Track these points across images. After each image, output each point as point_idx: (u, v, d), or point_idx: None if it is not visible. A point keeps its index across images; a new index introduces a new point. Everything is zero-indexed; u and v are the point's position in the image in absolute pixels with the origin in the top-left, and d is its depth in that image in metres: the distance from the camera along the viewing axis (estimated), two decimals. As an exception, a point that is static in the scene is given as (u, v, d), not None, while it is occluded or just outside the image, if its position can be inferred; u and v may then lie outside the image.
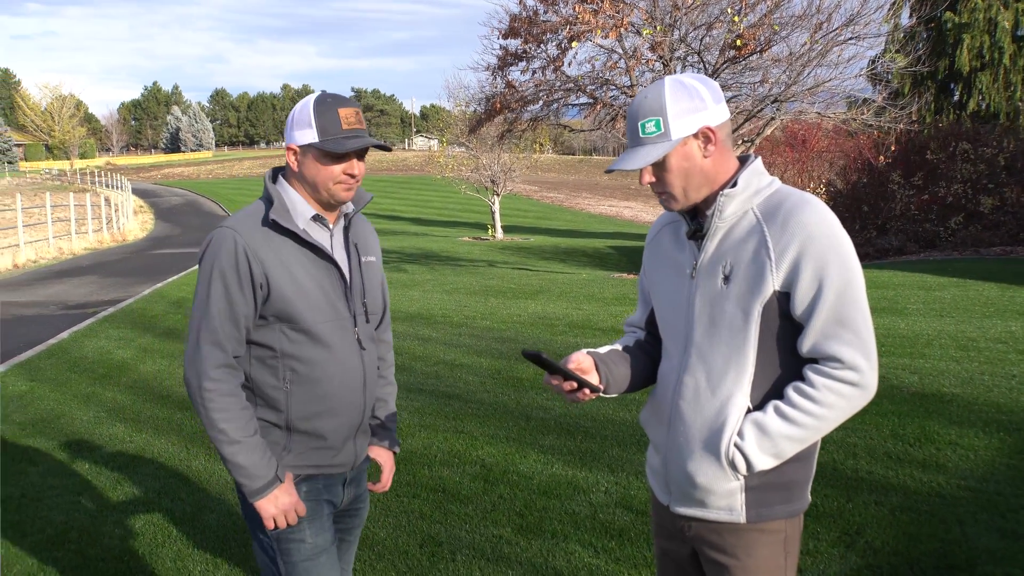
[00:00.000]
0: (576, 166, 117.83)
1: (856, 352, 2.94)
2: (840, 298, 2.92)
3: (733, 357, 3.07)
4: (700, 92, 3.07)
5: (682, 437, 3.19)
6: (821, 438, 3.15)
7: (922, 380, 10.68)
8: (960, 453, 7.99)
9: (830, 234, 2.94)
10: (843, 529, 6.33)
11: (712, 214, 3.10)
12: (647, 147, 3.08)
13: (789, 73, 23.17)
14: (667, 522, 3.39)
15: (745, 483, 3.10)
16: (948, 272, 22.27)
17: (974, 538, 6.12)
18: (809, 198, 3.03)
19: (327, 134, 3.51)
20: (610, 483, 7.48)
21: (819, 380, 2.97)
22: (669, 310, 3.31)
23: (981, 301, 17.10)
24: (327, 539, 3.74)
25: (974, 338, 13.21)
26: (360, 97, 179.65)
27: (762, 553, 3.15)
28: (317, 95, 3.58)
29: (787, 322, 3.02)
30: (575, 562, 5.95)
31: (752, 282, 3.01)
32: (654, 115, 3.06)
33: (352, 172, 3.58)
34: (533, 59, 24.76)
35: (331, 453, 3.74)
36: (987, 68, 35.17)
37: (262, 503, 3.57)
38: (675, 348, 3.28)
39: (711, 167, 3.10)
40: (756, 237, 3.02)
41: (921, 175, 30.55)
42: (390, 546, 6.28)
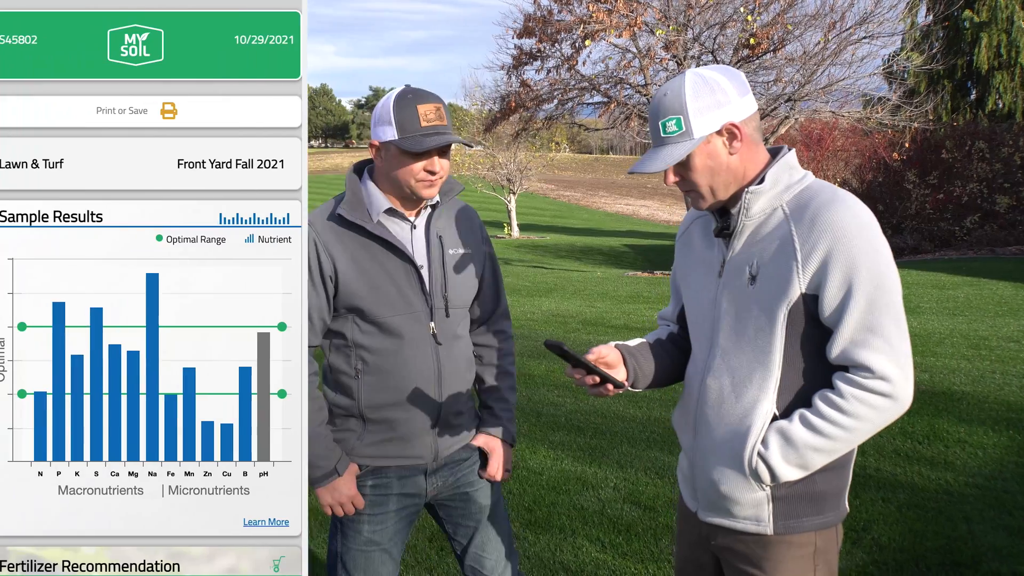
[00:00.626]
0: (593, 164, 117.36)
1: (888, 361, 2.78)
2: (872, 303, 2.77)
3: (758, 361, 2.94)
4: (722, 86, 2.92)
5: (707, 443, 3.08)
6: (856, 448, 3.00)
7: (932, 378, 10.68)
8: (968, 451, 8.00)
9: (862, 234, 2.79)
10: (850, 526, 6.30)
11: (739, 212, 2.97)
12: (669, 147, 2.94)
13: (803, 72, 23.18)
14: (693, 529, 3.26)
15: (772, 493, 2.97)
16: (963, 271, 22.22)
17: (980, 535, 6.13)
18: (842, 195, 2.88)
19: (405, 132, 3.51)
20: (619, 479, 7.50)
21: (847, 389, 2.82)
22: (696, 310, 3.20)
23: (995, 300, 17.07)
24: (385, 535, 3.79)
25: (986, 336, 13.19)
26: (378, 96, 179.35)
27: (790, 567, 3.01)
28: (399, 91, 3.62)
29: (815, 326, 2.88)
30: (582, 556, 5.99)
31: (778, 283, 2.87)
32: (675, 113, 2.91)
33: (432, 169, 3.56)
34: (548, 58, 24.86)
35: (403, 445, 3.75)
36: (1004, 67, 35.04)
37: (320, 491, 3.68)
38: (700, 350, 3.17)
39: (738, 164, 2.96)
40: (782, 235, 2.89)
41: (937, 174, 30.45)
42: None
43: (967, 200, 29.81)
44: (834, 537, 3.10)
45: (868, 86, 25.71)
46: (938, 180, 30.38)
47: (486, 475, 3.94)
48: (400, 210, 3.69)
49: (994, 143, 30.29)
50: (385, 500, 3.78)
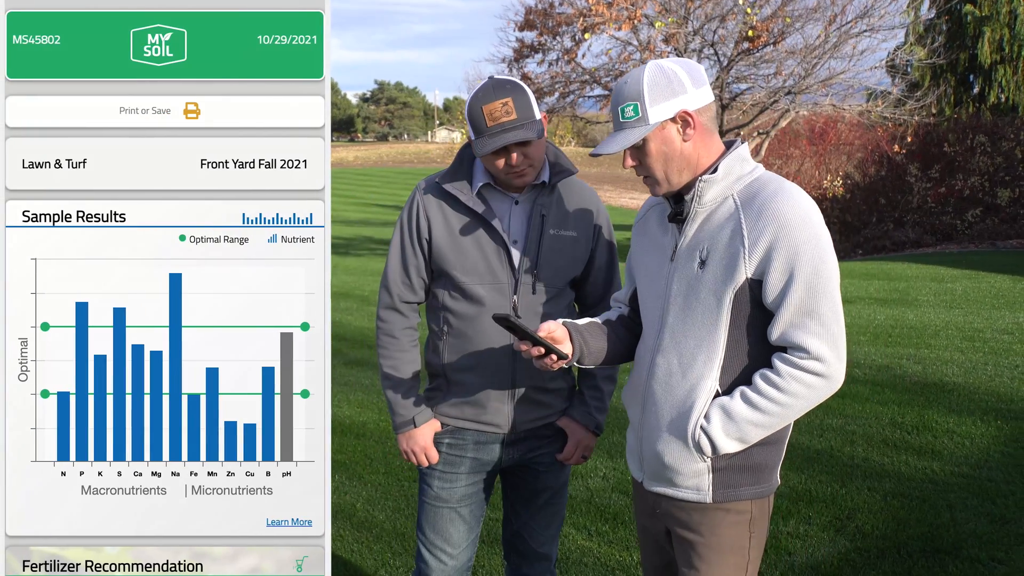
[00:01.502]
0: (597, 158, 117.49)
1: (822, 343, 2.96)
2: (810, 289, 2.94)
3: (704, 341, 3.09)
4: (679, 76, 3.09)
5: (653, 418, 3.21)
6: (793, 424, 3.17)
7: (925, 369, 10.70)
8: (956, 441, 8.01)
9: (804, 224, 2.96)
10: (835, 514, 6.36)
11: (692, 199, 3.12)
12: (626, 131, 3.11)
13: (803, 65, 23.18)
14: (643, 500, 3.42)
15: (712, 464, 3.12)
16: (962, 264, 22.19)
17: (962, 523, 6.16)
18: (788, 186, 3.05)
19: (477, 132, 3.60)
20: (608, 468, 7.51)
21: (785, 369, 2.99)
22: (648, 292, 3.34)
23: (992, 293, 17.06)
24: (455, 495, 3.90)
25: (981, 329, 13.21)
26: (383, 89, 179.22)
27: (727, 532, 3.17)
28: (478, 87, 3.68)
29: (758, 310, 3.04)
30: (568, 544, 5.99)
31: (725, 268, 3.03)
32: (632, 100, 3.08)
33: (512, 164, 3.62)
34: (548, 51, 24.84)
35: (479, 410, 3.85)
36: (1006, 61, 35.03)
37: (399, 437, 3.86)
38: (651, 330, 3.30)
39: (692, 151, 3.12)
40: (732, 224, 3.04)
41: (938, 168, 30.40)
42: (388, 528, 6.32)
43: (968, 194, 29.75)
44: (767, 507, 3.25)
45: (870, 80, 25.71)
46: (940, 174, 30.32)
47: (561, 457, 3.99)
48: (499, 187, 3.78)
49: (996, 137, 30.24)
50: (459, 461, 3.89)
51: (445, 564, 3.95)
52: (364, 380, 10.87)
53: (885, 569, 5.52)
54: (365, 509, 6.68)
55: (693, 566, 3.21)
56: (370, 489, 7.10)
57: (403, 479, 7.36)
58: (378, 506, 6.77)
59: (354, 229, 43.79)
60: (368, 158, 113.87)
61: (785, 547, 5.81)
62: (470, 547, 4.01)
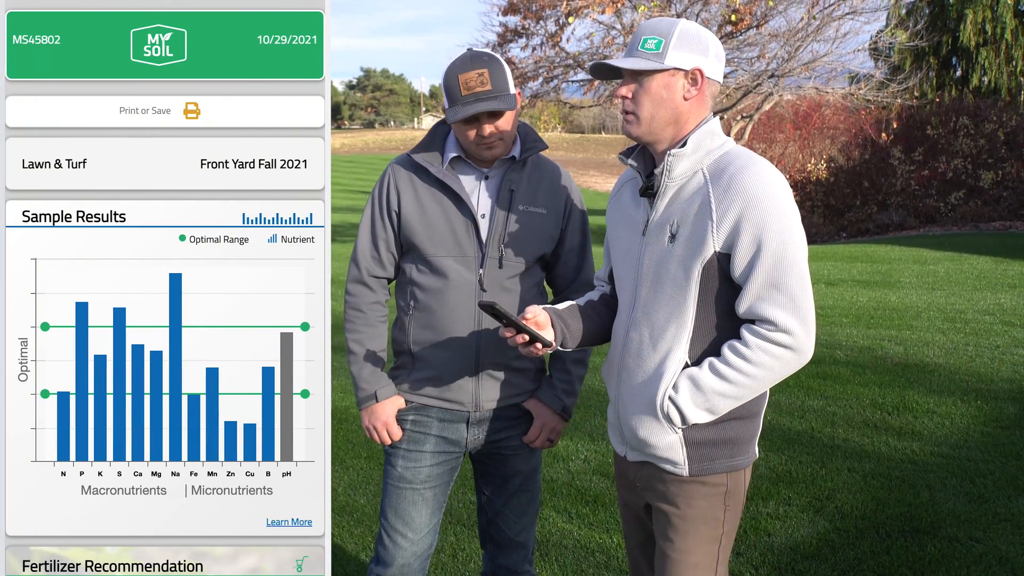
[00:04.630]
0: (583, 144, 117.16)
1: (789, 315, 2.99)
2: (778, 262, 2.98)
3: (674, 314, 3.13)
4: (707, 42, 3.15)
5: (628, 391, 3.27)
6: (773, 405, 3.24)
7: (907, 351, 10.77)
8: (936, 421, 8.08)
9: (771, 197, 3.00)
10: (814, 494, 6.42)
11: (661, 172, 3.15)
12: (638, 58, 3.13)
13: (787, 48, 23.19)
14: (624, 474, 3.46)
15: (686, 437, 3.15)
16: (945, 247, 22.31)
17: (941, 502, 6.22)
18: (756, 160, 3.08)
19: (451, 101, 3.63)
20: (590, 451, 7.54)
21: (753, 340, 3.03)
22: (622, 266, 3.38)
23: (974, 274, 17.18)
24: (419, 475, 3.89)
25: (962, 310, 13.30)
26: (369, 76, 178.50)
27: (701, 504, 3.20)
28: (454, 59, 3.74)
29: (727, 283, 3.08)
30: (548, 527, 6.02)
31: (694, 242, 3.06)
32: (659, 35, 3.11)
33: (483, 134, 3.65)
34: (532, 36, 24.78)
35: (443, 387, 3.84)
36: (989, 43, 35.08)
37: (362, 413, 3.88)
38: (625, 304, 3.34)
39: (684, 111, 3.15)
40: (701, 197, 3.07)
41: (922, 150, 30.50)
42: (369, 512, 6.34)
43: (952, 176, 29.85)
44: (743, 480, 3.29)
45: (852, 63, 25.74)
46: (923, 156, 30.42)
47: (525, 439, 3.99)
48: (469, 161, 3.79)
49: (978, 119, 30.34)
50: (422, 439, 3.89)
51: (404, 549, 3.93)
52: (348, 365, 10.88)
53: (864, 549, 5.58)
54: (347, 494, 6.71)
55: (668, 537, 3.25)
56: (352, 474, 7.14)
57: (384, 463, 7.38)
58: (359, 491, 6.79)
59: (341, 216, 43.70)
60: (355, 145, 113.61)
61: (764, 528, 5.86)
62: (431, 533, 3.99)
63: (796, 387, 8.96)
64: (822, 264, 19.17)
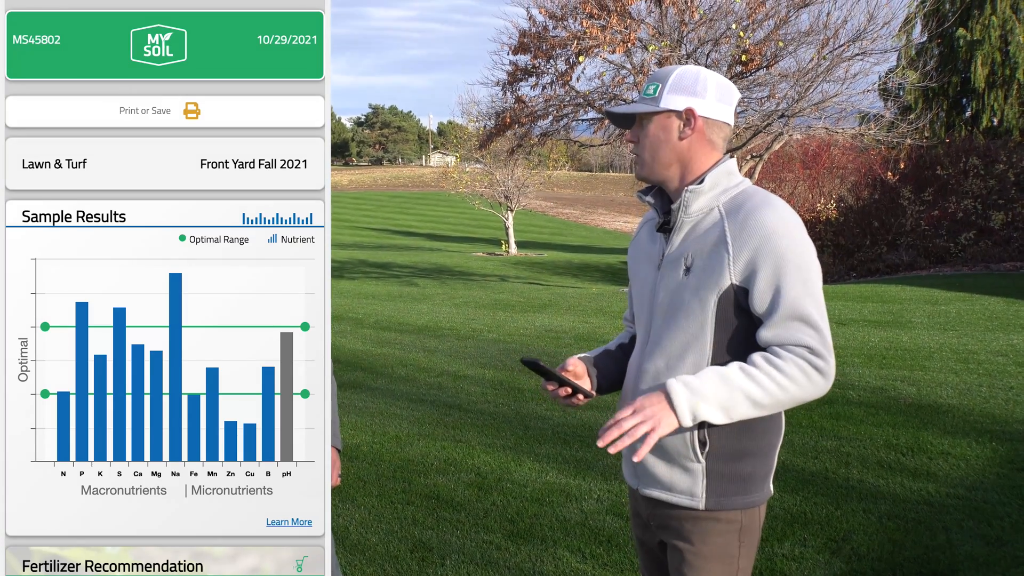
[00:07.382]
0: (592, 182, 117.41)
1: (819, 343, 3.01)
2: (799, 299, 3.01)
3: (691, 344, 3.15)
4: (707, 84, 3.23)
5: None
6: (787, 445, 3.23)
7: (920, 391, 10.74)
8: (951, 462, 8.04)
9: (788, 234, 3.04)
10: (830, 536, 6.38)
11: (678, 208, 3.22)
12: (637, 104, 3.29)
13: (796, 88, 23.27)
14: (639, 511, 3.47)
15: (706, 468, 3.16)
16: (956, 287, 22.30)
17: (958, 544, 6.17)
18: (772, 199, 3.13)
19: None
20: (602, 491, 7.52)
21: (787, 355, 3.02)
22: (639, 301, 3.43)
23: (986, 315, 17.16)
24: None
25: (975, 351, 13.26)
26: (377, 113, 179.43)
27: (717, 540, 3.21)
28: None
29: (744, 314, 3.11)
30: (562, 567, 6.00)
31: (710, 273, 3.10)
32: (658, 82, 3.24)
33: None
34: (543, 74, 24.92)
35: None
36: (999, 84, 35.18)
37: None
38: (641, 337, 3.38)
39: (684, 150, 3.24)
40: (717, 232, 3.11)
41: (932, 191, 30.55)
42: (380, 551, 6.32)
43: (962, 216, 29.89)
44: (757, 517, 3.29)
45: (862, 103, 25.83)
46: (933, 197, 30.47)
47: None
48: None
49: (989, 160, 30.41)
50: None
51: None
52: (358, 402, 10.88)
53: (882, 591, 5.52)
54: (358, 532, 6.68)
55: (683, 574, 3.25)
56: (363, 512, 7.11)
57: (396, 502, 7.36)
58: (371, 529, 6.77)
59: (348, 252, 43.87)
60: (363, 182, 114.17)
61: (780, 569, 5.82)
62: None
63: (809, 427, 8.93)
64: (833, 304, 19.14)
